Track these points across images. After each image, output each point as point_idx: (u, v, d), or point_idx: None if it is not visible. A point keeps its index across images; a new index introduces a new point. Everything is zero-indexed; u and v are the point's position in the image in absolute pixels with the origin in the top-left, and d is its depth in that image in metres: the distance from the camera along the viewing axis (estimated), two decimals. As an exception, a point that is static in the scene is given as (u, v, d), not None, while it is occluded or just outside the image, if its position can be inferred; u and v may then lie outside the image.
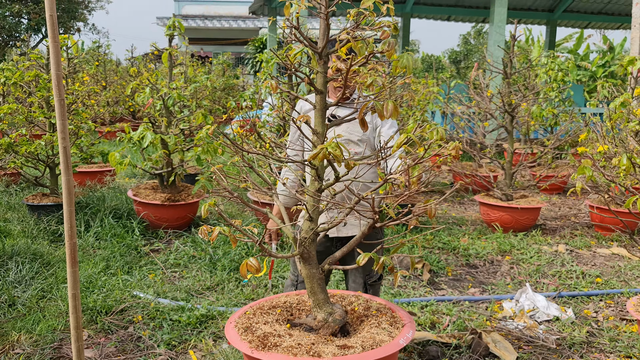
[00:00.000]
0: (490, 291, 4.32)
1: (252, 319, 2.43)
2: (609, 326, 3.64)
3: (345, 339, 2.29)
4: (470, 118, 7.32)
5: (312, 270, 2.37)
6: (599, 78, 18.78)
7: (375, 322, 2.41)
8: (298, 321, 2.46)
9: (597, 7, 16.73)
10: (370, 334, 2.30)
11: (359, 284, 3.05)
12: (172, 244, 5.17)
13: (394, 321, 2.42)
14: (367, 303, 2.61)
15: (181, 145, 5.47)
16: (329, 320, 2.34)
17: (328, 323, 2.33)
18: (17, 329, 3.34)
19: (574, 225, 6.30)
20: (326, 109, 2.33)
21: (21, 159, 5.59)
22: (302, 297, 2.69)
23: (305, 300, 2.64)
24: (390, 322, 2.41)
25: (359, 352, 2.14)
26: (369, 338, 2.26)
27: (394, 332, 2.32)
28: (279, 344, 2.19)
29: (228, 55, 17.65)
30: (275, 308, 2.56)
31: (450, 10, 16.27)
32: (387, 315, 2.48)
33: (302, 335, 2.30)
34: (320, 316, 2.36)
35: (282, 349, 2.15)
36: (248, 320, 2.42)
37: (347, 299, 2.67)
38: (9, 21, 17.76)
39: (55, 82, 2.29)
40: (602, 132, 4.13)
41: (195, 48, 23.41)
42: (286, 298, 2.69)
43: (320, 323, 2.35)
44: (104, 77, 12.95)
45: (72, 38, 7.04)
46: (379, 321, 2.42)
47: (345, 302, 2.64)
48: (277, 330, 2.33)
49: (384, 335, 2.28)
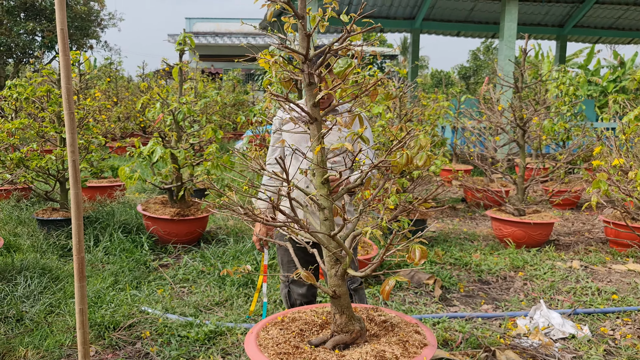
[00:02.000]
0: (503, 308, 4.23)
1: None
2: (626, 344, 3.54)
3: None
4: (481, 132, 7.27)
5: (342, 302, 2.38)
6: (610, 93, 18.68)
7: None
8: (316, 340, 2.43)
9: (608, 22, 16.68)
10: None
11: None
12: (181, 259, 5.14)
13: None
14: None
15: (191, 160, 5.47)
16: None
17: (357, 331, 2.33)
18: (24, 344, 3.31)
19: (588, 241, 6.19)
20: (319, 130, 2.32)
21: (32, 174, 5.61)
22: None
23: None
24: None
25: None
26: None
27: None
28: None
29: (238, 72, 17.76)
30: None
31: (459, 26, 16.29)
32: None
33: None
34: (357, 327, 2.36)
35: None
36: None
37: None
38: (23, 39, 18.00)
39: (65, 94, 2.29)
40: (616, 146, 4.07)
41: (205, 64, 23.59)
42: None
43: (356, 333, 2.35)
44: (115, 93, 13.07)
45: (84, 55, 7.11)
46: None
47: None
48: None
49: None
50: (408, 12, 15.74)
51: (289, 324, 2.54)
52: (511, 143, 6.43)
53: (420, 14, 15.43)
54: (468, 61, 31.38)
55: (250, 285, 4.46)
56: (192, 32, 24.91)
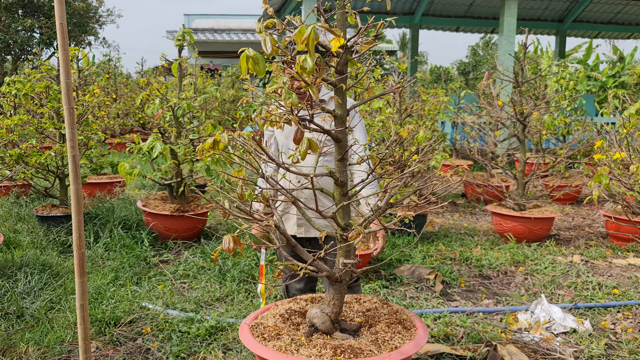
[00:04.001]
0: (504, 302, 4.23)
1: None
2: (627, 338, 3.54)
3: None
4: (481, 127, 7.26)
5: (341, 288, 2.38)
6: (610, 88, 18.66)
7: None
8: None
9: (607, 16, 16.66)
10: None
11: None
12: (182, 255, 5.13)
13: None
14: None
15: (190, 156, 5.46)
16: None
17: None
18: (25, 341, 3.30)
19: (589, 236, 6.19)
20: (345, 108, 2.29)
21: (31, 170, 5.60)
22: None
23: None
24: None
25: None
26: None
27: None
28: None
29: (237, 68, 17.69)
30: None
31: (459, 22, 16.26)
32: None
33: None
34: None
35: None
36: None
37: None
38: (21, 35, 17.95)
39: (64, 89, 2.27)
40: (616, 140, 4.06)
41: (204, 61, 23.55)
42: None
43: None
44: (114, 90, 13.03)
45: (82, 51, 7.09)
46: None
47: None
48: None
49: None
50: (407, 8, 15.71)
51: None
52: (511, 138, 6.42)
53: (420, 9, 15.40)
54: (467, 57, 31.33)
55: (250, 281, 4.46)
56: (191, 29, 24.85)
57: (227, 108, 13.77)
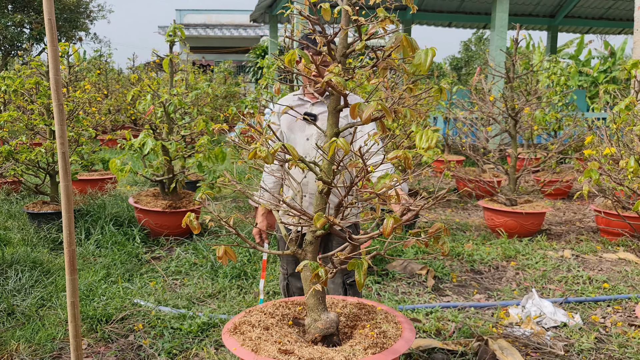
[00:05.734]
0: (495, 297, 4.26)
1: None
2: (617, 332, 3.57)
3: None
4: (473, 123, 7.27)
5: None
6: (601, 83, 18.75)
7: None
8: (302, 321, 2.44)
9: (598, 12, 16.73)
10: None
11: (337, 284, 3.04)
12: (174, 252, 5.12)
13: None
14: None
15: (182, 152, 5.44)
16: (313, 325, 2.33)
17: (312, 328, 2.32)
18: (16, 338, 3.29)
19: (579, 230, 6.24)
20: (337, 110, 2.30)
21: (21, 167, 5.56)
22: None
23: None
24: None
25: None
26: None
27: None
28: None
29: (229, 64, 17.65)
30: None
31: (451, 17, 16.26)
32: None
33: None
34: (307, 321, 2.35)
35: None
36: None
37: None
38: (11, 31, 17.80)
39: (53, 86, 2.26)
40: (607, 136, 4.08)
41: (196, 57, 23.46)
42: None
43: (307, 327, 2.34)
44: (105, 86, 12.95)
45: (73, 47, 7.03)
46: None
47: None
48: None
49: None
50: (399, 3, 15.69)
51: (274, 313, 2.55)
52: (503, 133, 6.45)
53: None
54: (460, 52, 31.33)
55: (243, 277, 4.46)
56: (183, 24, 24.72)
57: (220, 104, 13.73)
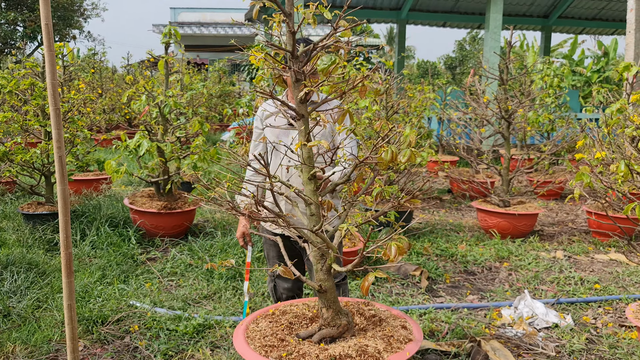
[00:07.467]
0: (488, 298, 4.30)
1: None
2: (608, 333, 3.62)
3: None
4: (466, 124, 7.32)
5: (328, 296, 2.42)
6: (594, 83, 18.86)
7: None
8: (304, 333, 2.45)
9: (592, 13, 16.83)
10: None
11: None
12: (169, 253, 5.14)
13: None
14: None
15: (177, 153, 5.45)
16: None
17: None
18: (12, 340, 3.30)
19: (572, 231, 6.29)
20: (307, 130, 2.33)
21: (16, 168, 5.56)
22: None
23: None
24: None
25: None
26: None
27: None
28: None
29: (224, 62, 17.64)
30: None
31: (445, 17, 16.32)
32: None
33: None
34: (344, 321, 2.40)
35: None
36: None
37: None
38: (4, 29, 17.72)
39: (50, 91, 2.27)
40: (599, 138, 4.13)
41: (191, 55, 23.41)
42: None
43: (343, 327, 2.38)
44: (99, 85, 12.92)
45: (67, 46, 7.02)
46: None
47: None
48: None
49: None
50: (394, 3, 15.73)
51: (279, 317, 2.57)
52: (496, 134, 6.49)
53: (407, 4, 15.44)
54: (454, 51, 31.43)
55: (238, 278, 4.48)
56: (177, 22, 24.67)
57: (214, 103, 13.72)
